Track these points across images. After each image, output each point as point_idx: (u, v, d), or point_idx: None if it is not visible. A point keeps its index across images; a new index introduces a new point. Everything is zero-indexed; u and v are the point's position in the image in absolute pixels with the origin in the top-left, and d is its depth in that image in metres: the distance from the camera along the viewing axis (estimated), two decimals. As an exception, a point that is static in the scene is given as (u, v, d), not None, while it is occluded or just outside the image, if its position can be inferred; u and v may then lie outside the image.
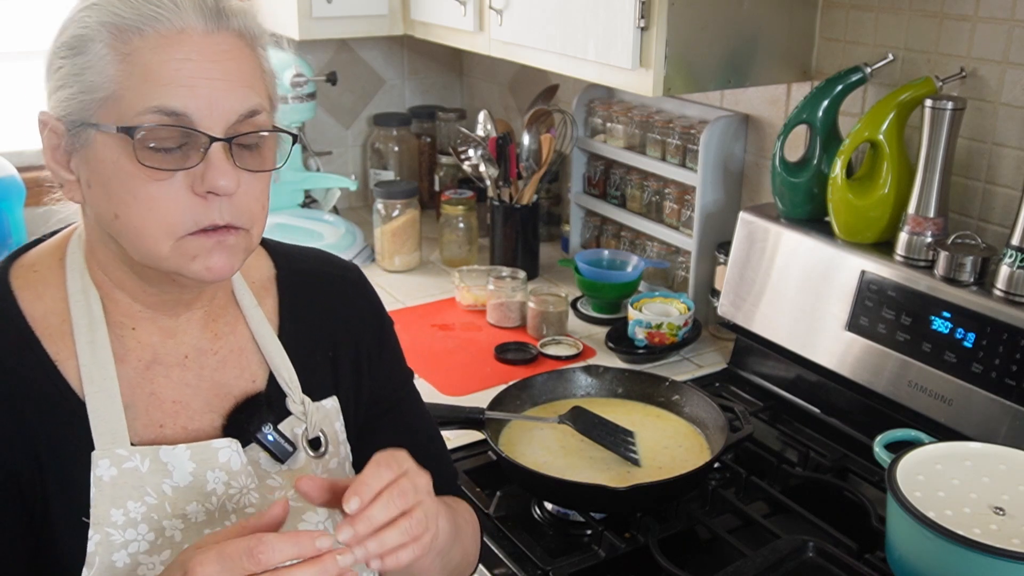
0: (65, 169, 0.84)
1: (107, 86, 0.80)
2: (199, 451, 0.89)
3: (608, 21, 1.61)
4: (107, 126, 0.80)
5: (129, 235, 0.83)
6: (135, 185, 0.80)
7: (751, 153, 1.91)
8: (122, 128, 0.79)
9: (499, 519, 1.33)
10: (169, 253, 0.83)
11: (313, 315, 1.02)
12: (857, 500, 1.34)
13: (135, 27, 0.80)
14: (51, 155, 0.84)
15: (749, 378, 1.74)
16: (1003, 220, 1.49)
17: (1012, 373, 1.30)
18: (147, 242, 0.82)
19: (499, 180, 2.20)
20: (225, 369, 0.95)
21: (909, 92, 1.49)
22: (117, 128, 0.79)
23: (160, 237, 0.82)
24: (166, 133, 0.80)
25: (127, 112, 0.79)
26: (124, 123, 0.79)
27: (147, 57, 0.80)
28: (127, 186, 0.81)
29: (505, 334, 1.94)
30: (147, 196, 0.81)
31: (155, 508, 0.86)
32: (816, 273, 1.58)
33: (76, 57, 0.81)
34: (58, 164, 0.84)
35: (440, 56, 2.80)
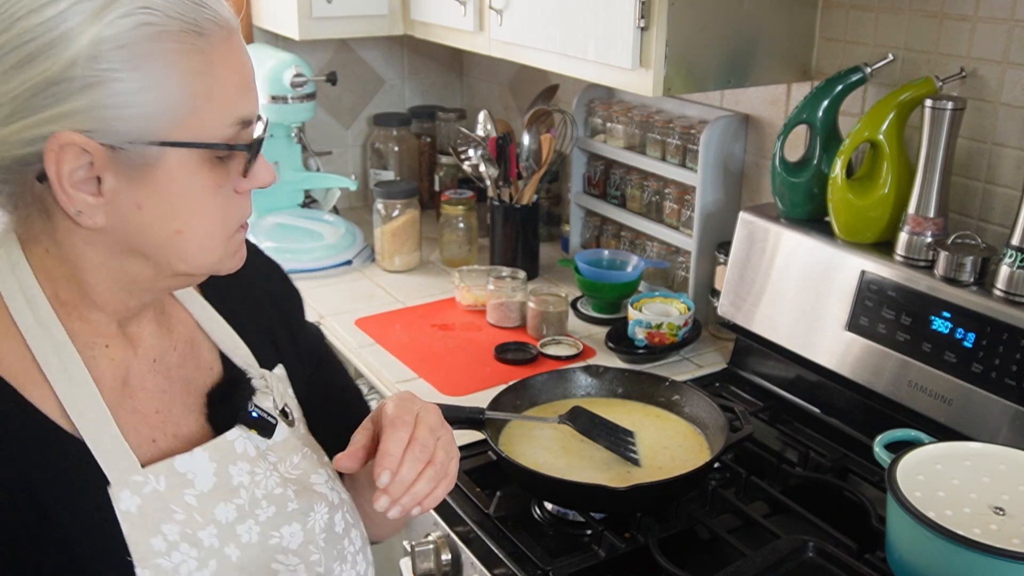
0: (90, 193, 0.75)
1: (183, 100, 0.74)
2: (217, 449, 0.88)
3: (608, 21, 1.61)
4: (191, 144, 0.75)
5: (189, 248, 0.80)
6: (205, 197, 0.78)
7: (751, 153, 1.91)
8: (208, 144, 0.76)
9: (499, 519, 1.33)
10: (221, 255, 0.83)
11: (238, 291, 1.00)
12: (857, 500, 1.34)
13: (214, 31, 0.76)
14: (67, 179, 0.74)
15: (749, 378, 1.74)
16: (1003, 220, 1.49)
17: (1012, 373, 1.30)
18: (207, 250, 0.81)
19: (499, 180, 2.20)
20: (186, 364, 0.92)
21: (909, 92, 1.49)
22: (202, 144, 0.76)
23: (220, 242, 0.82)
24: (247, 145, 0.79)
25: (209, 126, 0.76)
26: (206, 138, 0.76)
27: (223, 64, 0.76)
28: (199, 200, 0.78)
29: (505, 334, 1.94)
30: (213, 205, 0.79)
31: (186, 523, 0.83)
32: (816, 273, 1.58)
33: (142, 73, 0.72)
34: (77, 188, 0.74)
35: (440, 56, 2.80)
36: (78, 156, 0.73)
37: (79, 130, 0.72)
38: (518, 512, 1.36)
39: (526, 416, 1.45)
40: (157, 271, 0.81)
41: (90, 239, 0.78)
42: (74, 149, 0.72)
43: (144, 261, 0.80)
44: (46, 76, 0.71)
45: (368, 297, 2.15)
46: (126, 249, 0.79)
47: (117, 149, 0.73)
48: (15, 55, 0.71)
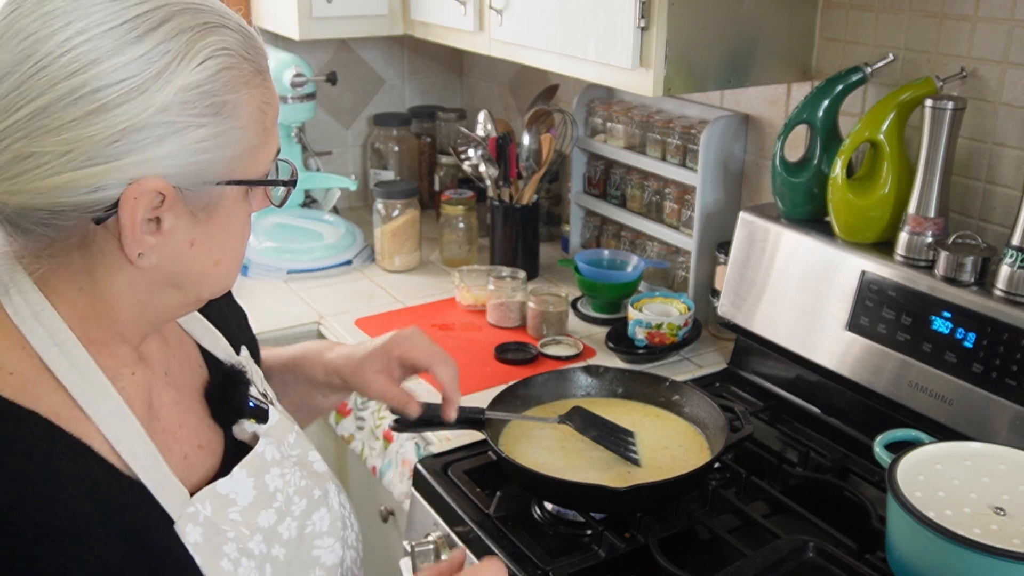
0: (151, 234, 0.74)
1: (249, 139, 0.76)
2: (252, 465, 0.88)
3: (608, 21, 1.61)
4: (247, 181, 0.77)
5: (222, 276, 0.82)
6: (241, 227, 0.81)
7: (751, 153, 1.91)
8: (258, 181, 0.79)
9: (499, 519, 1.33)
10: (235, 278, 0.84)
11: None
12: (857, 500, 1.34)
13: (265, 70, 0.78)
14: (141, 224, 0.72)
15: (749, 378, 1.74)
16: (1003, 220, 1.49)
17: (1012, 373, 1.30)
18: (232, 274, 0.83)
19: (499, 180, 2.20)
20: (183, 370, 0.92)
21: (909, 92, 1.49)
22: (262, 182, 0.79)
23: (239, 265, 0.84)
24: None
25: (262, 162, 0.78)
26: (260, 173, 0.79)
27: (272, 102, 0.79)
28: (238, 231, 0.80)
29: (505, 334, 1.94)
30: (244, 234, 0.82)
31: (236, 539, 0.84)
32: (816, 273, 1.58)
33: (221, 119, 0.73)
34: (145, 232, 0.73)
35: (440, 56, 2.80)
36: (152, 199, 0.72)
37: (158, 175, 0.71)
38: (518, 512, 1.36)
39: (526, 416, 1.45)
40: (185, 300, 0.82)
41: (134, 277, 0.76)
42: (151, 195, 0.71)
43: (177, 293, 0.80)
44: (133, 122, 0.69)
45: (368, 297, 2.15)
46: (165, 284, 0.78)
47: (186, 191, 0.73)
48: (96, 98, 0.68)
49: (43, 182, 0.69)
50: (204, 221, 0.76)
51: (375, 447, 1.66)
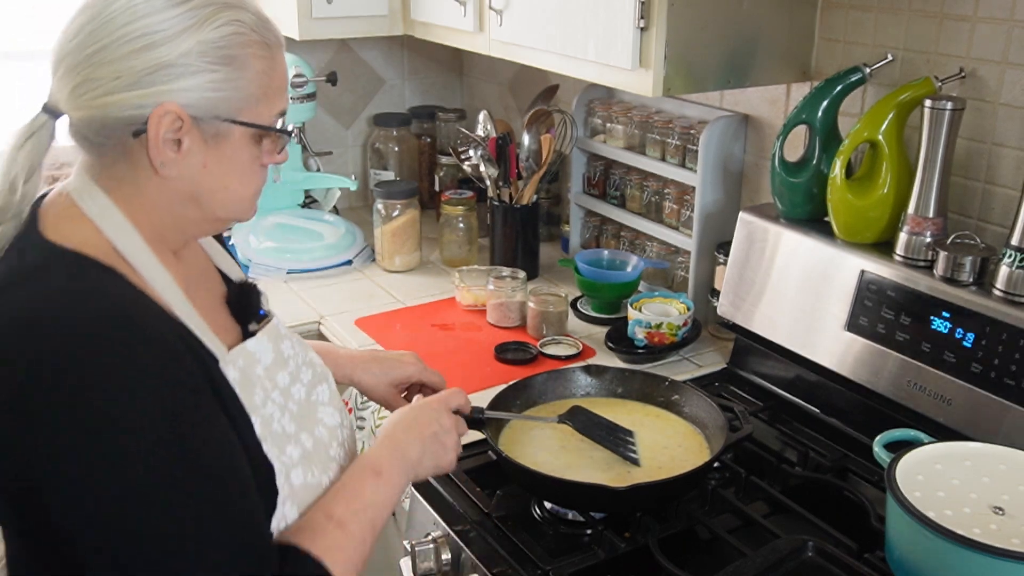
0: (171, 151, 0.95)
1: (254, 94, 0.98)
2: (271, 332, 1.10)
3: (608, 21, 1.61)
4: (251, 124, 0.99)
5: (228, 200, 1.02)
6: (248, 165, 1.02)
7: (751, 153, 1.91)
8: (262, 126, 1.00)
9: (499, 519, 1.33)
10: (248, 208, 1.06)
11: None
12: (857, 500, 1.34)
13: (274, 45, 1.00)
14: (161, 138, 0.94)
15: (749, 378, 1.74)
16: (1002, 220, 1.49)
17: (1012, 373, 1.31)
18: (240, 203, 1.04)
19: (499, 180, 2.20)
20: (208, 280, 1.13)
21: (908, 92, 1.49)
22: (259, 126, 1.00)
23: (248, 199, 1.05)
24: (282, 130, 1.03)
25: (264, 113, 1.00)
26: (262, 122, 1.00)
27: (278, 70, 1.01)
28: (244, 167, 1.01)
29: (505, 334, 1.94)
30: (251, 172, 1.03)
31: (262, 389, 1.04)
32: (816, 273, 1.58)
33: (230, 69, 0.95)
34: (165, 145, 0.95)
35: (440, 56, 2.80)
36: (173, 122, 0.94)
37: (180, 103, 0.94)
38: (518, 512, 1.36)
39: (526, 416, 1.45)
40: (203, 216, 1.02)
41: (162, 187, 0.98)
42: (172, 116, 0.94)
43: (197, 207, 1.01)
44: (164, 61, 0.93)
45: (368, 297, 2.15)
46: (186, 197, 1.00)
47: (200, 121, 0.96)
48: (141, 41, 0.93)
49: (100, 100, 0.93)
50: (214, 148, 0.98)
51: (375, 447, 1.66)
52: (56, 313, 0.87)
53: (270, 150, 1.03)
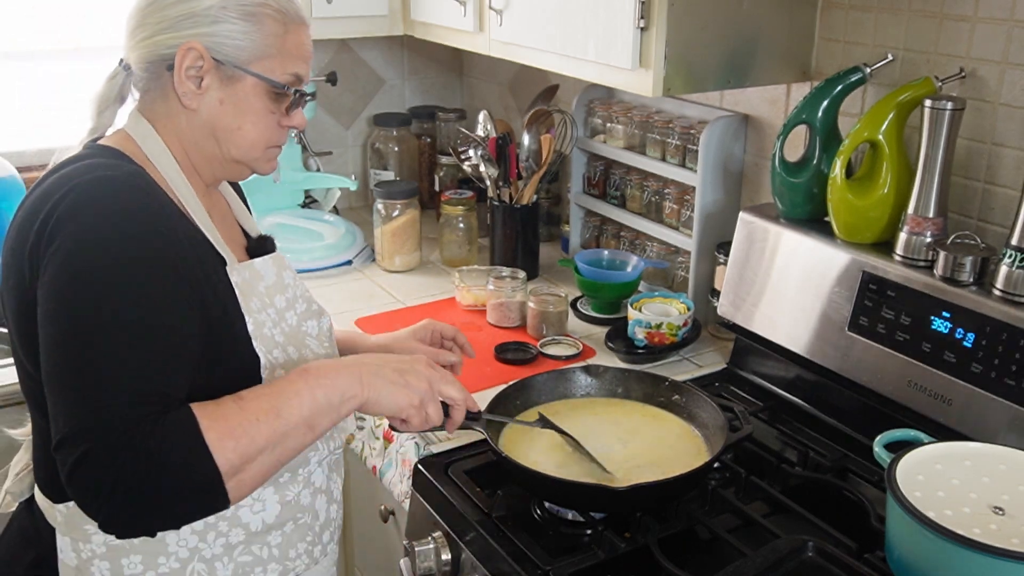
0: (194, 85, 1.15)
1: (266, 50, 1.16)
2: (277, 260, 1.27)
3: (608, 21, 1.61)
4: (261, 76, 1.16)
5: (241, 141, 1.19)
6: (262, 115, 1.19)
7: (751, 153, 1.91)
8: (272, 80, 1.17)
9: (499, 519, 1.33)
10: (258, 155, 1.22)
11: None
12: (857, 500, 1.34)
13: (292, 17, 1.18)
14: (184, 71, 1.14)
15: (749, 378, 1.74)
16: (1003, 220, 1.49)
17: (1012, 373, 1.31)
18: (253, 147, 1.20)
19: (499, 180, 2.20)
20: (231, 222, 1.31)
21: (909, 92, 1.49)
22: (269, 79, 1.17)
23: (259, 146, 1.21)
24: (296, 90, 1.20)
25: (276, 70, 1.17)
26: (273, 77, 1.17)
27: (293, 38, 1.18)
28: (256, 114, 1.18)
29: (505, 334, 1.94)
30: (263, 122, 1.19)
31: (260, 304, 1.20)
32: (816, 273, 1.58)
33: (247, 24, 1.14)
34: (187, 78, 1.14)
35: (440, 56, 2.80)
36: (196, 59, 1.14)
37: (204, 44, 1.13)
38: (518, 512, 1.36)
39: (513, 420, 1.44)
40: (221, 154, 1.20)
41: (190, 120, 1.18)
42: (195, 53, 1.13)
43: (215, 144, 1.19)
44: (194, 10, 1.13)
45: (368, 297, 2.15)
46: (207, 132, 1.18)
47: (219, 63, 1.14)
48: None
49: (146, 41, 1.15)
50: (229, 89, 1.16)
51: (375, 447, 1.66)
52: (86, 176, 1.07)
53: (284, 109, 1.20)
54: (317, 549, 1.27)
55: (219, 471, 0.98)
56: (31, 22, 2.30)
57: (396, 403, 1.14)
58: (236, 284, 1.16)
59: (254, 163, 1.22)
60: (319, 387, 1.08)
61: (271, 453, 1.03)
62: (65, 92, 2.37)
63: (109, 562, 1.12)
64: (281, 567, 1.21)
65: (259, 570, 1.19)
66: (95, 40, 2.37)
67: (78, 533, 1.12)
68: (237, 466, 1.00)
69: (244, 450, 1.00)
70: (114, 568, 1.13)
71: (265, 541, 1.19)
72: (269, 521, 1.19)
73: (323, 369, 1.10)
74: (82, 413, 0.96)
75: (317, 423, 1.08)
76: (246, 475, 1.01)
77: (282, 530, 1.21)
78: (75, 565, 1.13)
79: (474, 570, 1.30)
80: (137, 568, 1.13)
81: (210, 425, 0.99)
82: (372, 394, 1.12)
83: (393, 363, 1.17)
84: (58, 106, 2.36)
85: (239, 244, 1.28)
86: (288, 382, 1.08)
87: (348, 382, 1.11)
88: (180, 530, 1.12)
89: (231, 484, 1.00)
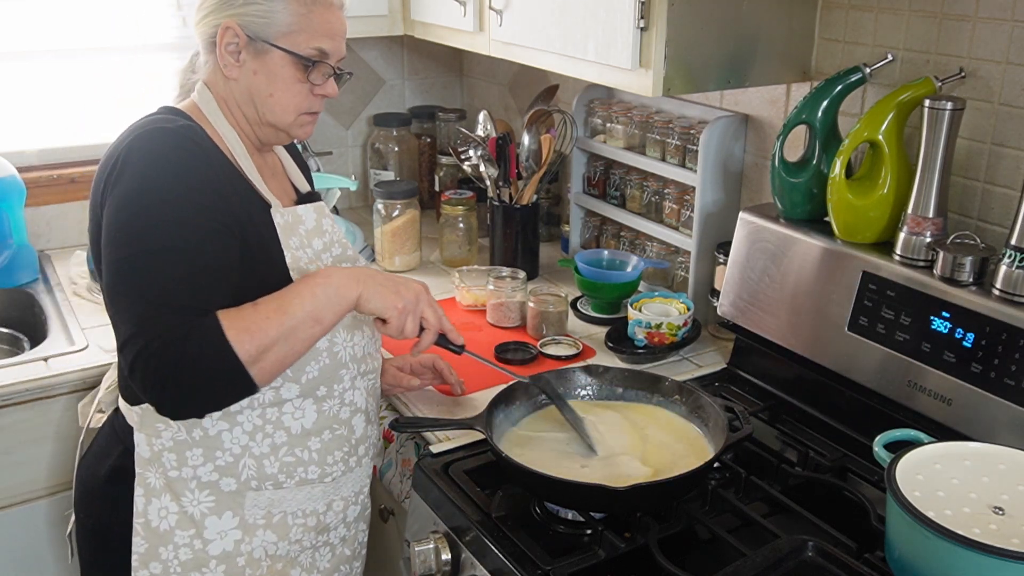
0: (233, 57, 1.33)
1: (291, 26, 1.31)
2: (317, 208, 1.42)
3: (608, 21, 1.61)
4: (286, 49, 1.32)
5: (274, 107, 1.35)
6: (291, 84, 1.34)
7: (751, 153, 1.91)
8: (296, 53, 1.32)
9: (499, 519, 1.33)
10: (292, 121, 1.37)
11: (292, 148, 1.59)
12: (857, 500, 1.34)
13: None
14: (224, 47, 1.32)
15: (749, 378, 1.74)
16: (1002, 220, 1.49)
17: (1012, 373, 1.31)
18: (284, 112, 1.36)
19: (499, 180, 2.20)
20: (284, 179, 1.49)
21: (908, 92, 1.49)
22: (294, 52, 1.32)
23: (292, 111, 1.36)
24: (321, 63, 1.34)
25: (300, 45, 1.32)
26: (298, 51, 1.32)
27: (317, 16, 1.33)
28: (287, 83, 1.34)
29: (505, 334, 1.94)
30: (293, 90, 1.35)
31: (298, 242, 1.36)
32: (816, 273, 1.58)
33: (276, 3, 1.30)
34: (229, 54, 1.33)
35: (440, 56, 2.80)
36: (232, 36, 1.32)
37: (239, 23, 1.31)
38: (518, 512, 1.36)
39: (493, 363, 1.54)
40: (259, 117, 1.37)
41: (235, 88, 1.36)
42: (231, 31, 1.31)
43: (253, 109, 1.36)
44: None
45: (368, 297, 2.15)
46: (247, 98, 1.36)
47: (251, 39, 1.32)
48: None
49: (200, 22, 1.35)
50: (260, 60, 1.33)
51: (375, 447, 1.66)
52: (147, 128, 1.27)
53: (316, 79, 1.34)
54: (352, 459, 1.43)
55: (240, 360, 1.17)
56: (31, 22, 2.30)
57: (383, 302, 1.30)
58: (279, 225, 1.34)
59: (289, 127, 1.38)
60: (318, 286, 1.25)
61: (285, 343, 1.21)
62: (65, 92, 2.37)
63: (176, 454, 1.32)
64: (320, 470, 1.38)
65: (300, 470, 1.36)
66: (95, 40, 2.37)
67: (150, 430, 1.33)
68: (255, 356, 1.18)
69: (259, 342, 1.18)
70: (180, 459, 1.32)
71: (306, 445, 1.36)
72: (308, 427, 1.35)
73: (324, 272, 1.28)
74: (135, 321, 1.17)
75: (322, 316, 1.25)
76: (265, 363, 1.20)
77: (320, 437, 1.37)
78: (148, 457, 1.34)
79: (474, 570, 1.30)
80: (198, 460, 1.32)
81: (229, 324, 1.17)
82: (365, 291, 1.29)
83: (390, 276, 1.35)
84: (58, 106, 2.37)
85: (288, 196, 1.45)
86: (293, 285, 1.26)
87: (345, 280, 1.28)
88: (233, 430, 1.32)
89: (254, 371, 1.19)
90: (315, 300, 1.24)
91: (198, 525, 1.34)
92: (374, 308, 1.30)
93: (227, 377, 1.18)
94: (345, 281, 1.28)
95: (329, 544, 1.45)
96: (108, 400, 1.48)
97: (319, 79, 1.35)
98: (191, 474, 1.33)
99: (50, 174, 2.33)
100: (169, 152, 1.24)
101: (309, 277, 1.27)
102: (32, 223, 2.29)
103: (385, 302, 1.30)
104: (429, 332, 1.38)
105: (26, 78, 2.33)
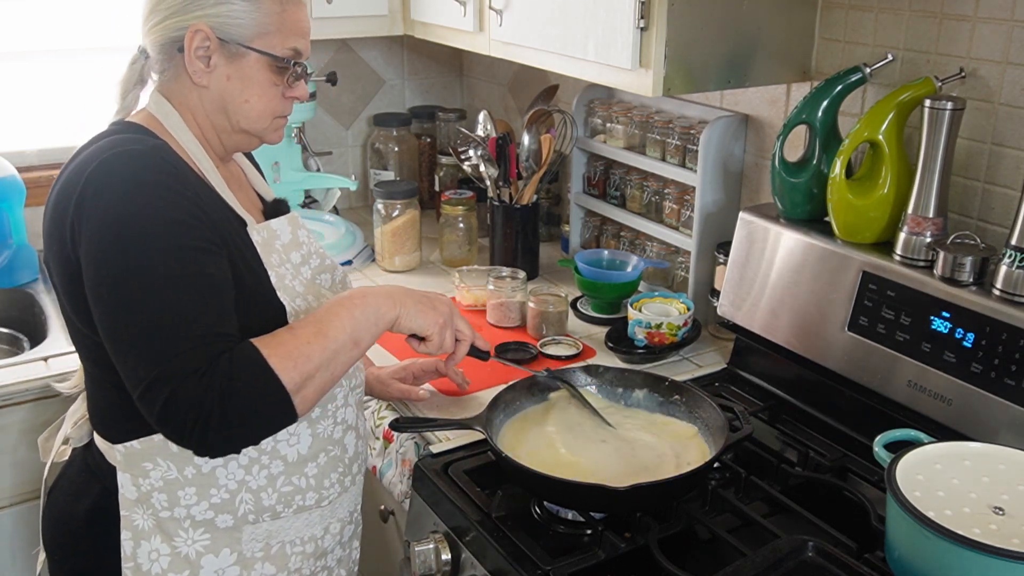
0: (203, 63, 1.23)
1: (266, 27, 1.24)
2: (292, 220, 1.36)
3: (608, 21, 1.61)
4: (262, 52, 1.24)
5: (250, 112, 1.27)
6: (267, 87, 1.27)
7: (751, 153, 1.91)
8: (273, 55, 1.24)
9: (499, 519, 1.33)
10: (265, 126, 1.30)
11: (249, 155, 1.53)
12: (857, 500, 1.34)
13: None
14: (193, 51, 1.22)
15: (749, 378, 1.74)
16: (1002, 220, 1.49)
17: (1012, 373, 1.31)
18: (260, 118, 1.28)
19: (499, 180, 2.20)
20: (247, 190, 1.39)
21: (909, 92, 1.49)
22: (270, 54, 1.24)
23: (267, 116, 1.29)
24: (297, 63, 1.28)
25: (276, 46, 1.25)
26: (275, 52, 1.25)
27: (290, 15, 1.25)
28: (261, 87, 1.26)
29: (505, 334, 1.94)
30: (268, 94, 1.27)
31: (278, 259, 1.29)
32: (816, 273, 1.58)
33: (249, 3, 1.22)
34: (196, 58, 1.23)
35: (440, 56, 2.80)
36: (203, 40, 1.22)
37: (209, 25, 1.21)
38: (518, 512, 1.36)
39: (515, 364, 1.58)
40: (231, 126, 1.28)
41: (201, 96, 1.26)
42: (202, 34, 1.21)
43: (225, 117, 1.28)
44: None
45: (368, 297, 2.15)
46: (218, 106, 1.27)
47: (224, 42, 1.22)
48: None
49: (158, 26, 1.23)
50: (235, 65, 1.24)
51: (375, 447, 1.66)
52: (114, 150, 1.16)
53: (287, 82, 1.28)
54: (347, 479, 1.37)
55: (286, 389, 1.11)
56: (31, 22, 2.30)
57: (424, 321, 1.29)
58: (257, 243, 1.27)
59: (262, 133, 1.31)
60: (356, 307, 1.21)
61: (327, 369, 1.16)
62: (65, 92, 2.37)
63: (166, 494, 1.23)
64: (317, 495, 1.32)
65: (298, 498, 1.30)
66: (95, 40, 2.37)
67: (137, 470, 1.23)
68: (299, 383, 1.12)
69: (303, 368, 1.13)
70: (171, 499, 1.24)
71: (302, 472, 1.30)
72: (303, 452, 1.29)
73: (358, 292, 1.25)
74: (155, 360, 1.08)
75: (360, 338, 1.21)
76: (308, 391, 1.14)
77: (316, 461, 1.31)
78: (135, 498, 1.24)
79: (474, 570, 1.30)
80: (192, 499, 1.24)
81: (271, 352, 1.11)
82: (404, 311, 1.27)
83: (419, 292, 1.33)
84: (58, 106, 2.37)
85: (256, 208, 1.37)
86: (329, 307, 1.21)
87: (382, 301, 1.25)
88: (228, 465, 1.24)
89: (297, 399, 1.12)
90: (354, 322, 1.20)
91: (193, 565, 1.25)
92: (415, 327, 1.29)
93: (271, 408, 1.12)
94: (383, 301, 1.25)
95: (327, 568, 1.39)
96: (78, 436, 1.35)
97: (294, 80, 1.29)
98: (184, 513, 1.24)
99: (50, 174, 2.33)
100: (144, 176, 1.14)
101: (344, 299, 1.22)
102: (32, 223, 2.29)
103: (426, 319, 1.29)
104: (464, 344, 1.38)
105: (26, 78, 2.33)
